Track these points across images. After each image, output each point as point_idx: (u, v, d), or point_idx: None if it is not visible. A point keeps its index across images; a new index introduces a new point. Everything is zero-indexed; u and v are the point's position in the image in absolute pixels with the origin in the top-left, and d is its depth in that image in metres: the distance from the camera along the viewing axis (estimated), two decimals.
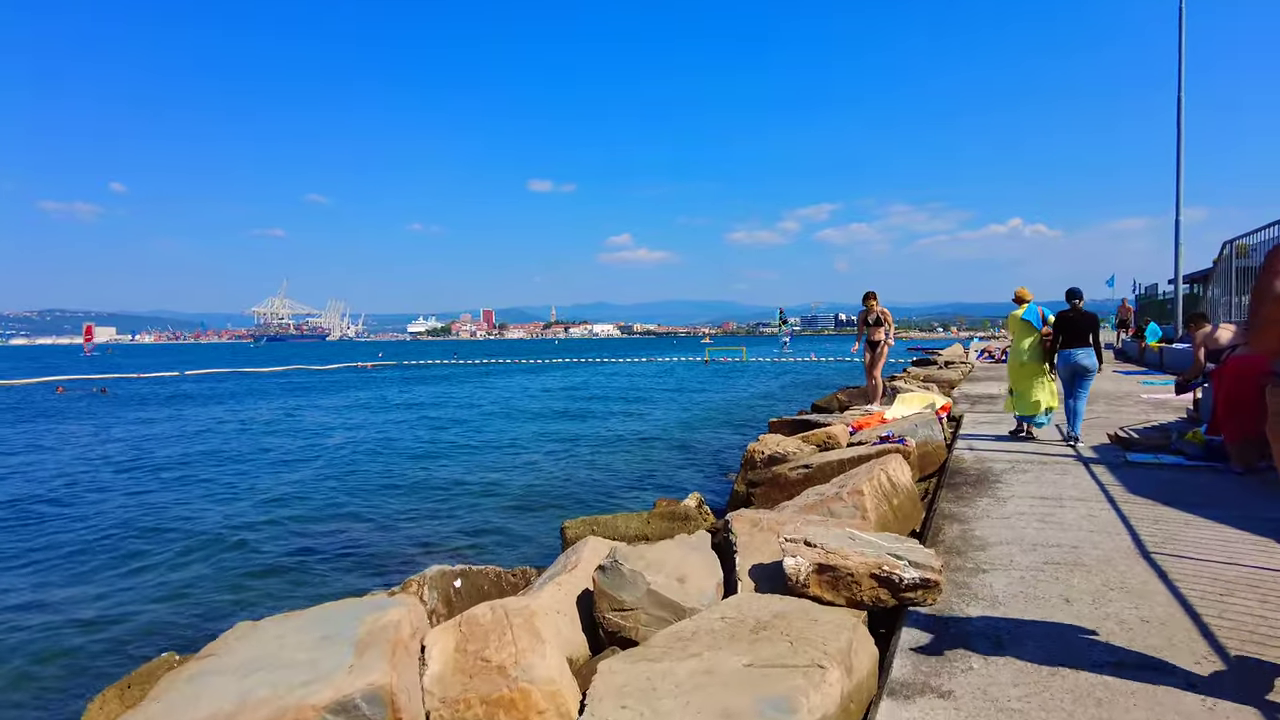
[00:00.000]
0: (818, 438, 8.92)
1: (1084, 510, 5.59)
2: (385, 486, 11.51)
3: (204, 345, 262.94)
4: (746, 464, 8.56)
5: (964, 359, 29.23)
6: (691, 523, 7.21)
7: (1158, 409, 12.59)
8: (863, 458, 7.17)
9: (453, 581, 4.14)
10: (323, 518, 9.76)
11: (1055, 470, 7.13)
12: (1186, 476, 6.76)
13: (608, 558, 3.74)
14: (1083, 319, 8.41)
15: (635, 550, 3.96)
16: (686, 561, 3.96)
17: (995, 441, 9.05)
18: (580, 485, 11.34)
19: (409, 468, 13.22)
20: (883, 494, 5.44)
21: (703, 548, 4.33)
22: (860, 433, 9.15)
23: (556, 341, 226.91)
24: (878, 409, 10.87)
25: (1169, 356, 22.00)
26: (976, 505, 5.86)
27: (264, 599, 6.90)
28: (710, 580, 3.89)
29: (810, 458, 7.70)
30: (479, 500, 10.47)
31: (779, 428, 10.47)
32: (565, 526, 7.55)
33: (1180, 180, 23.49)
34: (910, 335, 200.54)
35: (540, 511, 9.71)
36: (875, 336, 11.33)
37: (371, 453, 15.19)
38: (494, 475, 12.35)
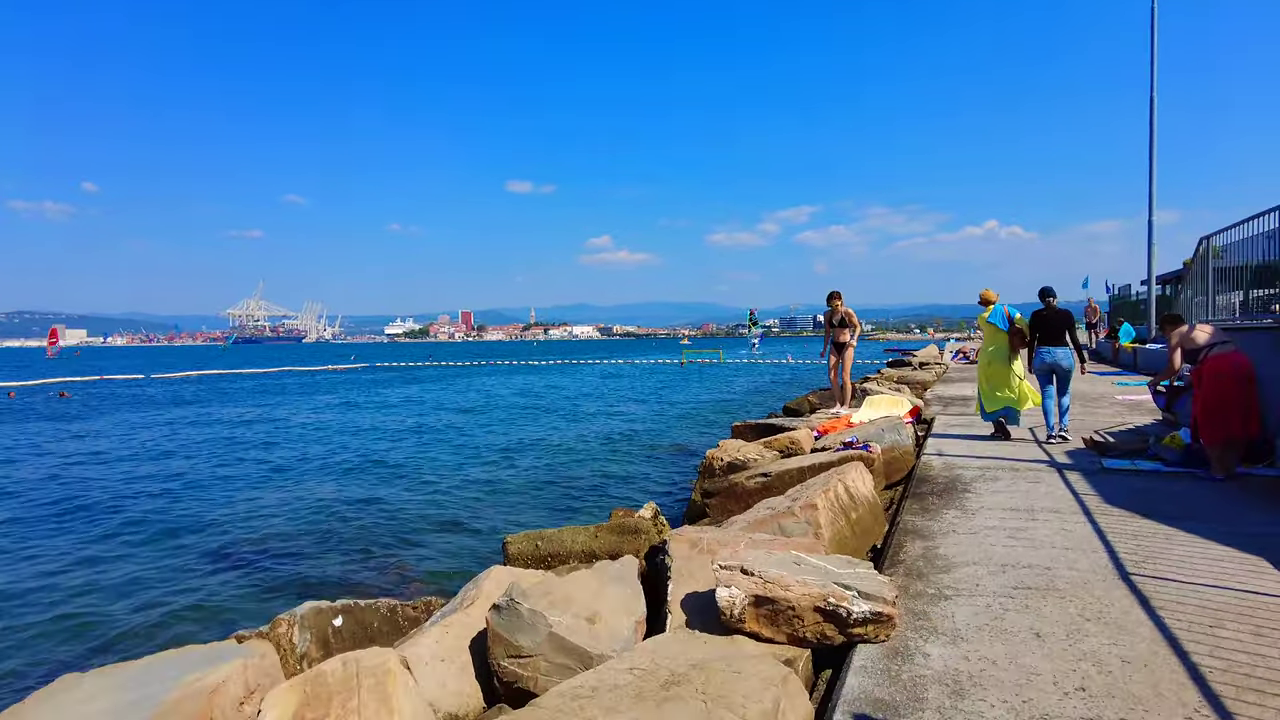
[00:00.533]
0: (780, 443, 8.44)
1: (1058, 524, 5.15)
2: (318, 499, 10.80)
3: (177, 348, 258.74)
4: (704, 472, 8.06)
5: (939, 360, 29.01)
6: (642, 537, 6.70)
7: (1133, 410, 12.28)
8: (824, 465, 6.70)
9: (332, 619, 3.57)
10: (241, 538, 9.01)
11: (1027, 478, 6.70)
12: (1165, 484, 6.35)
13: (504, 595, 3.21)
14: (1058, 317, 8.43)
15: (542, 584, 3.43)
16: (602, 596, 3.44)
17: (967, 445, 8.63)
18: (536, 494, 10.79)
19: (349, 477, 12.52)
20: (839, 508, 4.96)
21: (626, 577, 3.81)
22: (825, 437, 8.68)
23: (535, 343, 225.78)
24: (845, 412, 10.43)
25: (1143, 357, 21.84)
26: (943, 518, 5.39)
27: (132, 638, 6.03)
28: (627, 618, 3.37)
29: (770, 465, 7.22)
30: (422, 512, 9.85)
31: (742, 432, 9.99)
32: (507, 542, 7.00)
33: (1153, 181, 23.41)
34: (887, 337, 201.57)
35: (487, 525, 9.14)
36: (841, 338, 10.87)
37: (309, 460, 14.41)
38: (443, 484, 11.73)
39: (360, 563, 7.57)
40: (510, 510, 9.86)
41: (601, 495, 10.58)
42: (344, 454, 15.10)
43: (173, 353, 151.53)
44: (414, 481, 11.93)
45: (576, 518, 9.37)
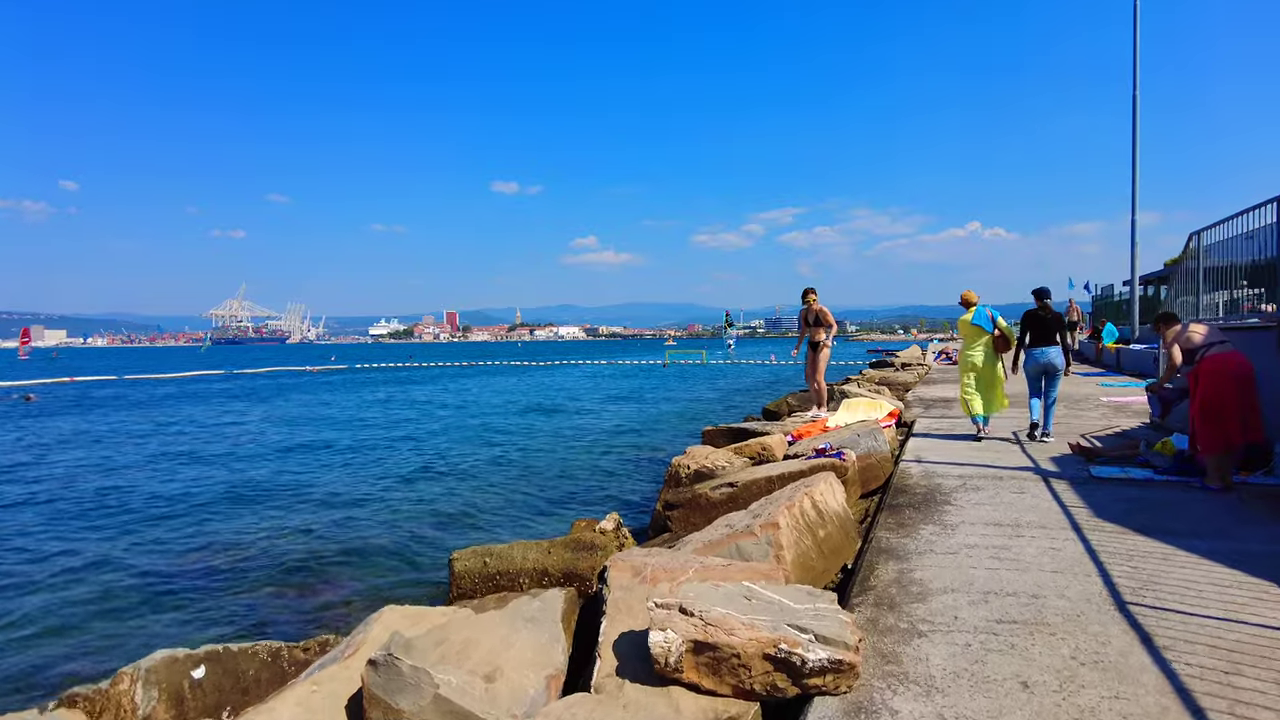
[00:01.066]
0: (750, 450, 7.96)
1: (1045, 541, 4.68)
2: (252, 510, 10.13)
3: (159, 349, 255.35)
4: (670, 480, 7.56)
5: (921, 361, 28.71)
6: (599, 553, 6.18)
7: (1120, 413, 11.89)
8: (793, 474, 6.21)
9: (190, 670, 3.00)
10: (140, 565, 8.16)
11: (1011, 488, 6.24)
12: (1159, 494, 5.90)
13: (383, 648, 2.67)
14: (1051, 318, 8.42)
15: (435, 632, 2.90)
16: (510, 644, 2.92)
17: (948, 451, 8.18)
18: (500, 501, 10.23)
19: (302, 481, 11.88)
20: (805, 525, 4.47)
21: (543, 619, 3.28)
22: (799, 443, 8.21)
23: (520, 344, 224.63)
24: (822, 415, 9.97)
25: (1126, 358, 21.58)
26: (920, 534, 4.91)
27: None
28: (537, 674, 2.85)
29: (738, 474, 6.73)
30: (371, 522, 9.23)
31: (713, 437, 9.49)
32: (453, 559, 6.46)
33: (1135, 181, 23.17)
34: (871, 337, 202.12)
35: (441, 536, 8.57)
36: (816, 337, 10.37)
37: (253, 465, 13.70)
38: (402, 490, 11.10)
39: (277, 588, 6.87)
40: (470, 519, 9.30)
41: (569, 502, 10.05)
42: (295, 455, 14.44)
43: (154, 354, 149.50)
44: (368, 488, 11.30)
45: (538, 527, 8.83)
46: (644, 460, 13.19)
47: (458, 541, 8.43)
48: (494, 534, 8.68)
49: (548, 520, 9.09)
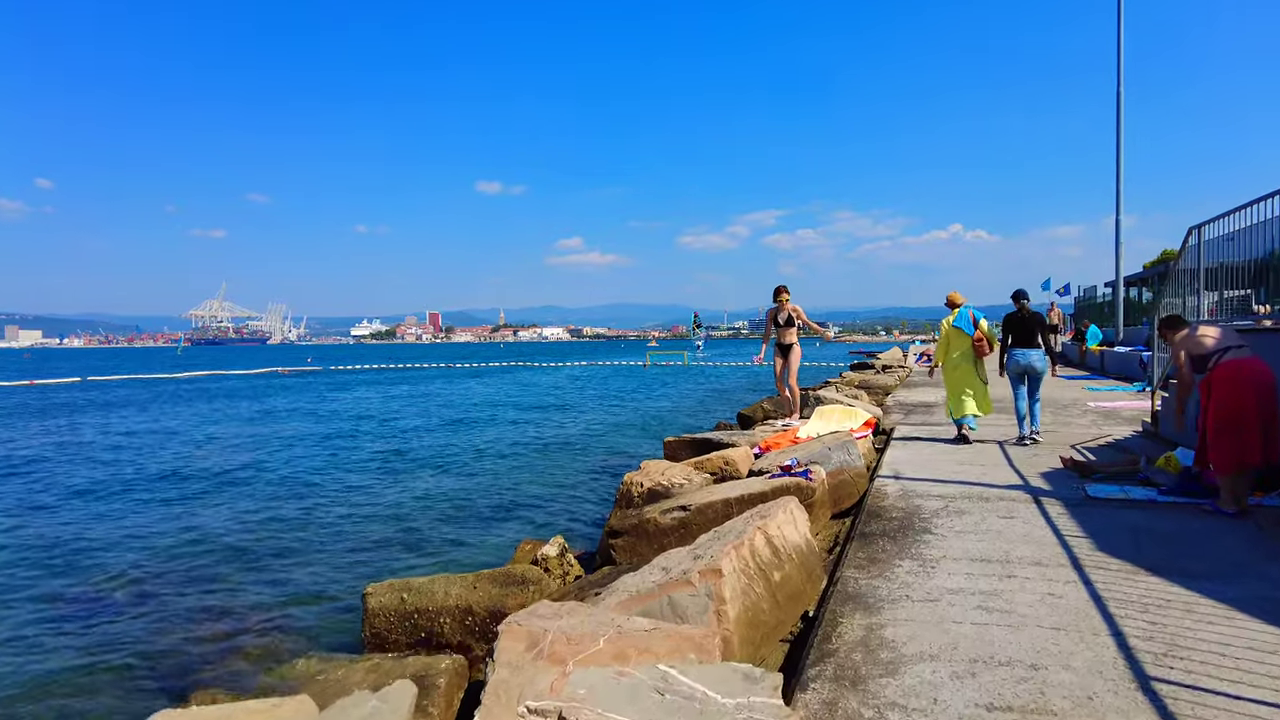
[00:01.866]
0: (712, 465, 7.19)
1: (1042, 584, 3.94)
2: (155, 524, 9.30)
3: (136, 350, 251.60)
4: (621, 500, 6.77)
5: (902, 363, 28.13)
6: (531, 588, 5.40)
7: (1109, 420, 11.26)
8: (754, 496, 5.45)
9: None
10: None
11: (1000, 511, 5.51)
12: (1167, 521, 5.19)
13: None
14: (1031, 319, 8.37)
15: None
16: None
17: (929, 464, 7.46)
18: (444, 518, 9.37)
19: (215, 497, 10.96)
20: (756, 568, 3.70)
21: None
22: (765, 456, 7.45)
23: (502, 345, 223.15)
24: (795, 423, 9.23)
25: (1111, 360, 21.05)
26: (894, 574, 4.16)
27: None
28: None
29: (693, 495, 5.96)
30: (293, 540, 8.39)
31: (674, 449, 8.71)
32: (368, 594, 5.66)
33: (1119, 181, 22.68)
34: (854, 339, 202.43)
35: (370, 560, 7.73)
36: (787, 339, 9.62)
37: (180, 476, 12.73)
38: (336, 505, 10.20)
39: (168, 627, 6.06)
40: (408, 539, 8.45)
41: (520, 519, 9.22)
42: (227, 469, 13.47)
43: (131, 355, 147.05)
44: (299, 502, 10.39)
45: (482, 549, 8.00)
46: (609, 471, 12.36)
47: (391, 564, 7.62)
48: (434, 556, 7.84)
49: (493, 541, 8.27)
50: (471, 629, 5.46)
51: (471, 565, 7.28)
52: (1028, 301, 8.46)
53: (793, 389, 9.52)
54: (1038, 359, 8.35)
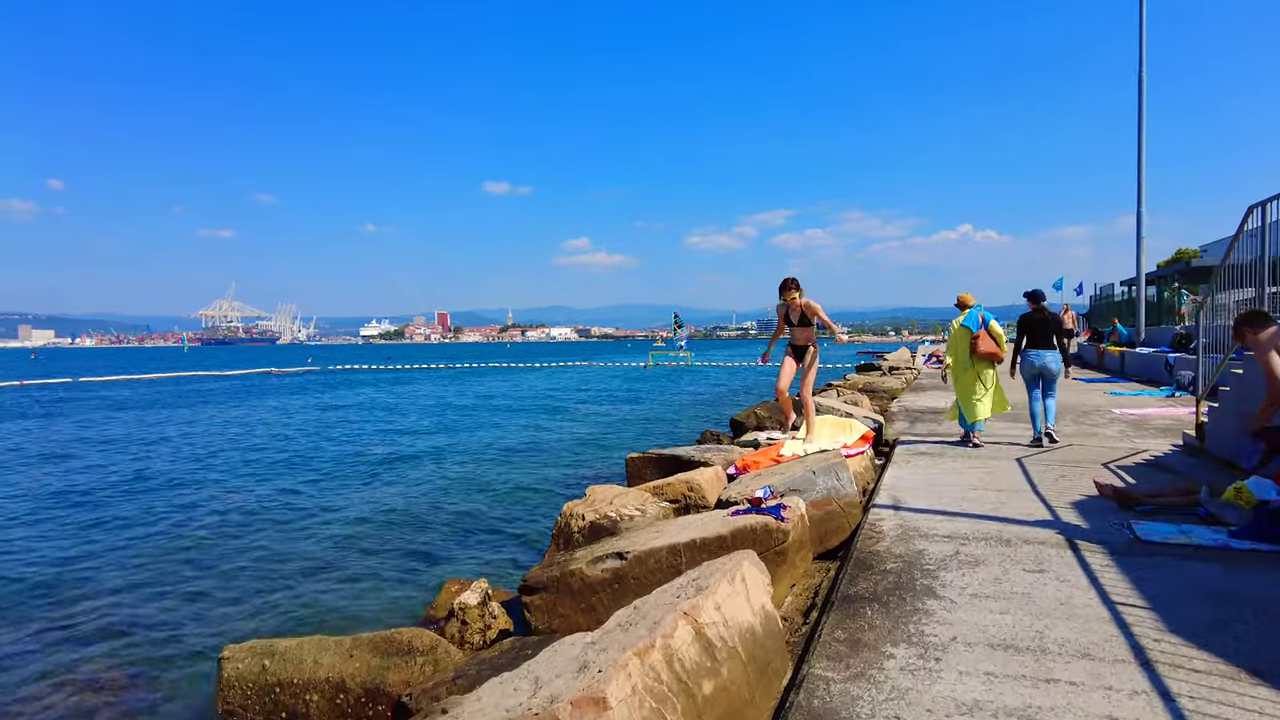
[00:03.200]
0: (674, 490, 5.97)
1: (1099, 700, 2.69)
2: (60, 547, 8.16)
3: (145, 349, 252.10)
4: (558, 537, 5.56)
5: (910, 365, 26.82)
6: (418, 660, 4.20)
7: (1139, 430, 9.97)
8: (707, 542, 4.24)
9: None
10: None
11: (1025, 561, 4.27)
12: (1256, 581, 3.90)
13: None
14: (1046, 320, 8.25)
15: None
16: None
17: (934, 488, 6.22)
18: (361, 545, 7.95)
19: (83, 514, 9.75)
20: (673, 684, 2.47)
21: None
22: (739, 479, 6.23)
23: (508, 346, 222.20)
24: (780, 437, 7.99)
25: (1132, 362, 19.69)
26: (883, 672, 2.94)
27: None
28: None
29: (635, 537, 4.74)
30: (168, 572, 7.20)
31: (639, 468, 7.47)
32: (224, 659, 4.49)
33: (1141, 173, 21.30)
34: (862, 339, 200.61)
35: (254, 596, 6.52)
36: (801, 339, 8.06)
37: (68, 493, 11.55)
38: (231, 531, 8.83)
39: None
40: (312, 571, 7.14)
41: (457, 549, 7.95)
42: (118, 481, 12.26)
43: (138, 354, 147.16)
44: (189, 525, 9.12)
45: (399, 588, 6.71)
46: (570, 489, 11.05)
47: (283, 607, 6.37)
48: (341, 595, 6.60)
49: (420, 577, 7.03)
50: (344, 710, 4.27)
51: (381, 611, 6.10)
52: (1043, 302, 8.30)
53: (805, 401, 7.99)
54: (1053, 360, 8.19)
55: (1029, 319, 8.31)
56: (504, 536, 8.45)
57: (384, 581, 6.87)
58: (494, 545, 8.09)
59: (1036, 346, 8.22)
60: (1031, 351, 8.22)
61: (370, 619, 6.00)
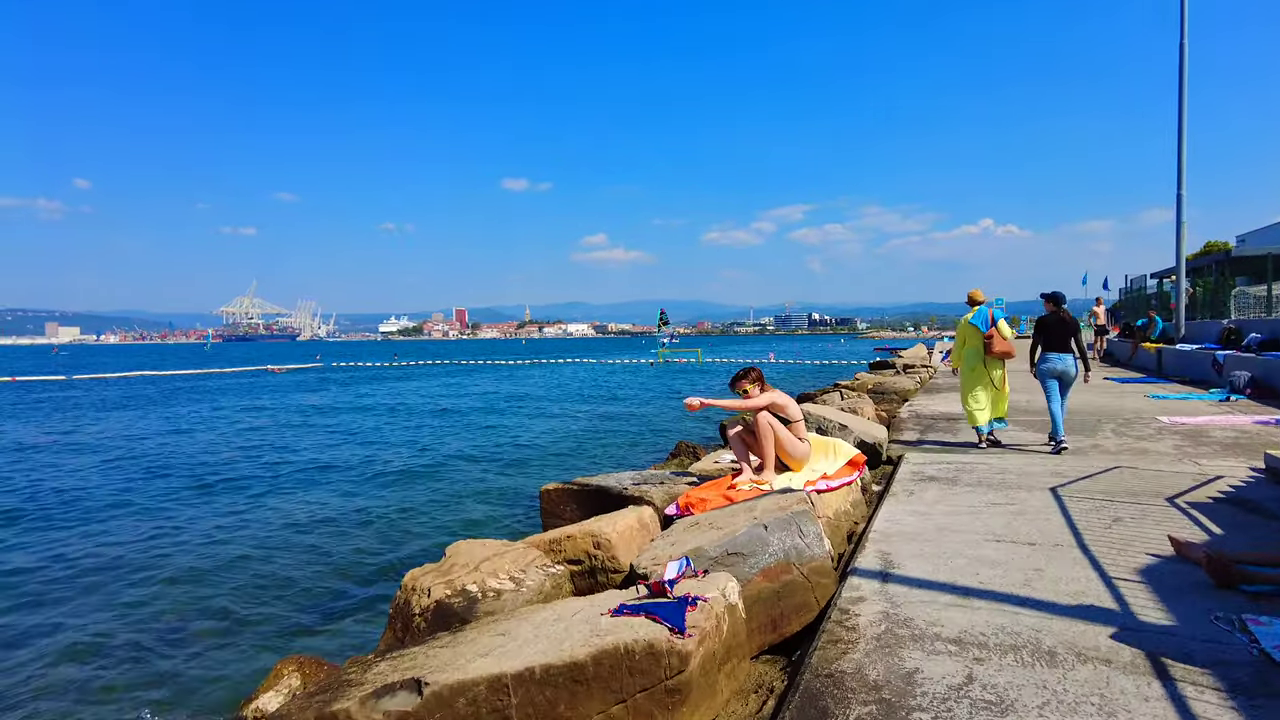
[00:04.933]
0: (575, 548, 4.29)
1: None
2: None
3: (168, 346, 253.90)
4: (394, 620, 3.89)
5: (926, 362, 24.92)
6: None
7: (1198, 444, 8.18)
8: (556, 673, 2.56)
9: None
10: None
11: (1086, 706, 2.57)
12: None
13: None
14: (1064, 323, 8.04)
15: None
16: None
17: (944, 537, 4.52)
18: (204, 605, 6.33)
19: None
20: None
21: None
22: (672, 529, 4.52)
23: (524, 342, 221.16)
24: (748, 472, 6.14)
25: (1171, 360, 17.74)
26: None
27: None
28: None
29: (443, 656, 3.05)
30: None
31: (554, 505, 5.73)
32: None
33: (1182, 151, 19.22)
34: (881, 335, 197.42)
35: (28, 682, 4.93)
36: (749, 407, 5.77)
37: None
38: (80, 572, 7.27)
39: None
40: (79, 647, 5.52)
41: (328, 605, 6.25)
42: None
43: (158, 351, 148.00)
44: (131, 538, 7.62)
45: (218, 667, 5.09)
46: (476, 528, 8.76)
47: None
48: (147, 679, 4.99)
49: (256, 649, 5.39)
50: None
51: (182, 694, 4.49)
52: (1062, 304, 8.13)
53: (763, 459, 5.70)
54: (1072, 364, 7.98)
55: (1046, 321, 8.11)
56: (362, 600, 6.58)
57: (197, 662, 5.21)
58: (346, 609, 6.24)
59: (1054, 349, 7.99)
60: (1051, 355, 8.00)
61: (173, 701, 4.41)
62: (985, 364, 8.21)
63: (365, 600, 6.34)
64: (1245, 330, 15.82)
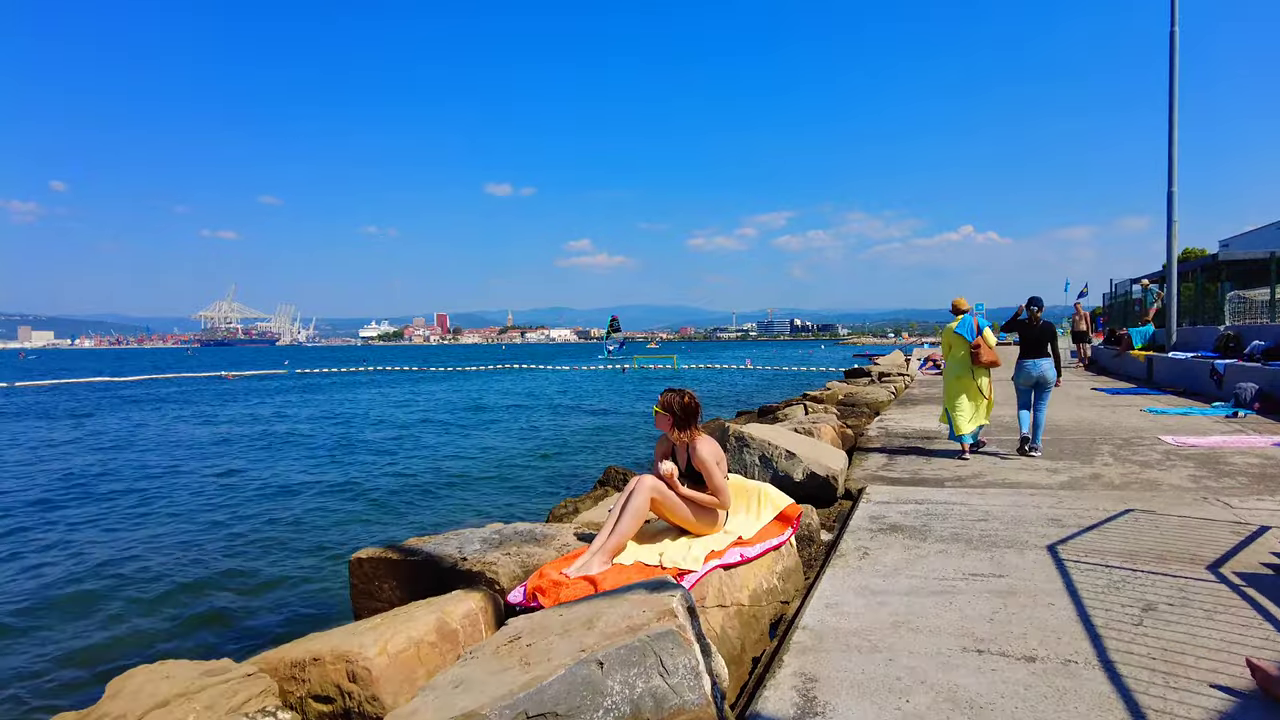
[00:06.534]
0: (324, 678, 2.72)
1: None
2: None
3: (145, 350, 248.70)
4: None
5: (903, 369, 23.52)
6: None
7: (1218, 473, 6.76)
8: None
9: None
10: None
11: None
12: None
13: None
14: (1040, 329, 8.03)
15: None
16: None
17: (903, 623, 3.02)
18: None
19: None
20: None
21: None
22: (507, 628, 2.97)
23: (504, 348, 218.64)
24: (606, 547, 4.30)
25: (1163, 369, 16.42)
26: None
27: None
28: None
29: None
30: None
31: (368, 581, 4.01)
32: None
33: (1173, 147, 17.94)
34: (862, 341, 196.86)
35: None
36: (675, 487, 4.06)
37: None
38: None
39: None
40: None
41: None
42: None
43: (134, 355, 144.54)
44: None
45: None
46: (299, 595, 6.63)
47: None
48: None
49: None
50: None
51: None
52: (1039, 311, 8.13)
53: (616, 538, 3.90)
54: (1048, 369, 7.95)
55: (1021, 326, 8.17)
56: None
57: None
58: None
59: (1030, 355, 8.02)
60: (1027, 360, 8.03)
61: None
62: (972, 373, 7.93)
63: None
64: (1246, 337, 14.51)
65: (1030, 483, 6.63)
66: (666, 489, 3.77)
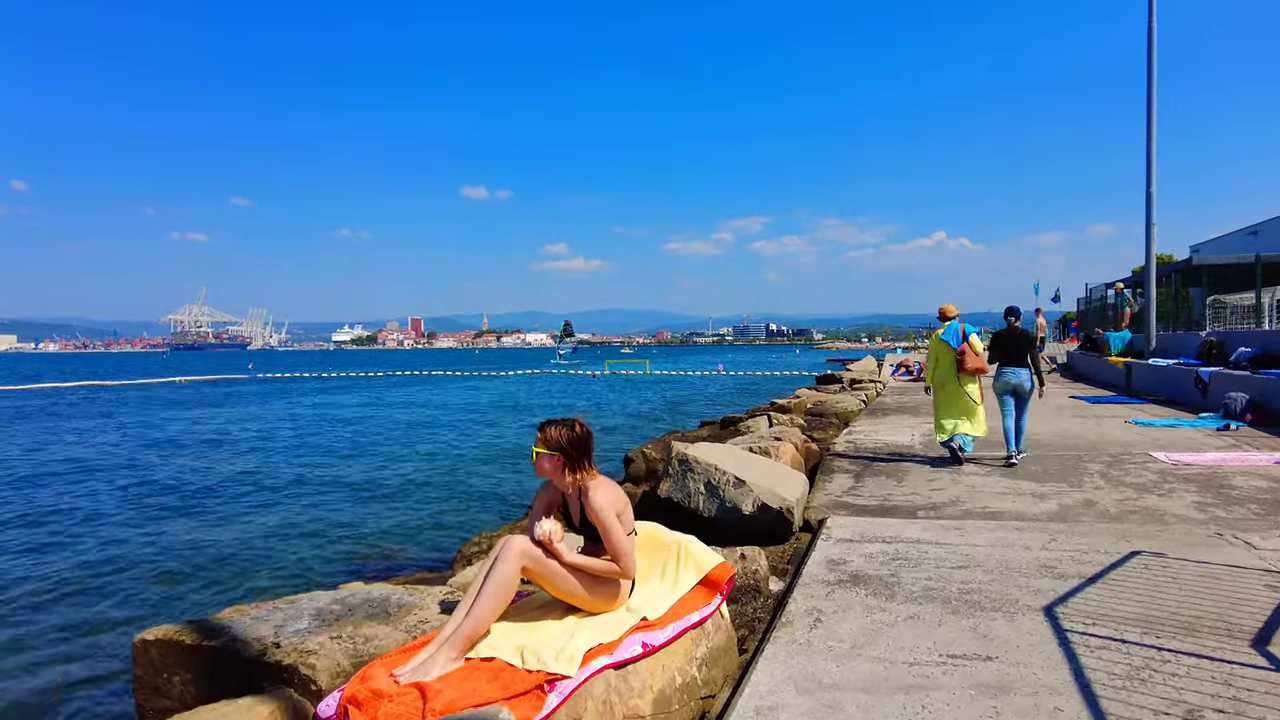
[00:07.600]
0: None
1: None
2: None
3: (113, 354, 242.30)
4: None
5: (875, 376, 22.74)
6: None
7: (1224, 498, 5.94)
8: None
9: None
10: None
11: None
12: None
13: None
14: (1017, 337, 7.98)
15: None
16: None
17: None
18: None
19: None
20: None
21: None
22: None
23: (478, 352, 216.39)
24: (435, 673, 3.01)
25: (1142, 376, 15.74)
26: None
27: None
28: None
29: None
30: None
31: (150, 675, 3.00)
32: None
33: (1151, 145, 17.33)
34: (836, 345, 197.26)
35: None
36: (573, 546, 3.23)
37: None
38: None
39: None
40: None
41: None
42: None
43: (106, 360, 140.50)
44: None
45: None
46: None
47: None
48: None
49: None
50: None
51: None
52: (1017, 320, 8.12)
53: (472, 622, 2.93)
54: (1026, 377, 7.83)
55: (999, 335, 8.13)
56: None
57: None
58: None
59: (1007, 363, 7.95)
60: (1006, 369, 7.94)
61: None
62: (959, 380, 7.90)
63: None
64: (1230, 343, 13.83)
65: (1015, 512, 5.74)
66: (544, 556, 2.78)
